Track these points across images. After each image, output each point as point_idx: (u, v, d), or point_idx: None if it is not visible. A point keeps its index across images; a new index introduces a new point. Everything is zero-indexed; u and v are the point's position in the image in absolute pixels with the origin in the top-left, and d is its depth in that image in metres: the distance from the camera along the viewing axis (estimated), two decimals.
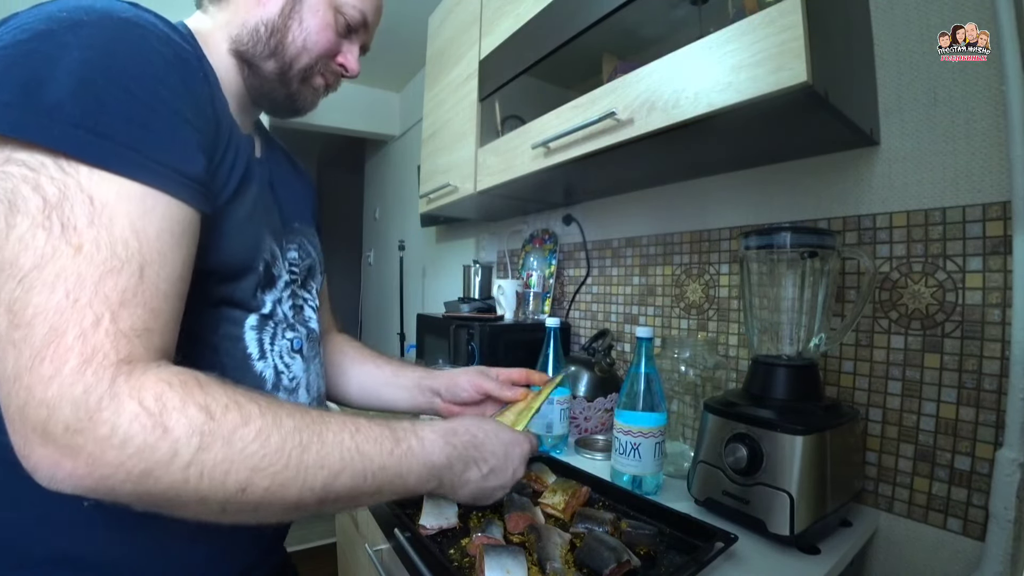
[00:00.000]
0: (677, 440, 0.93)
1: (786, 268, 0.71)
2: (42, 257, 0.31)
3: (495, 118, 1.21)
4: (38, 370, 0.30)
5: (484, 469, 0.50)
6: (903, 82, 0.73)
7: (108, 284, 0.32)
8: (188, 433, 0.32)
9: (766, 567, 0.58)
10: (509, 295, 1.38)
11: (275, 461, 0.35)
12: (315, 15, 0.55)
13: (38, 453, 0.31)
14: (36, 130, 0.32)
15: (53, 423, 0.30)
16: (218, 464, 0.33)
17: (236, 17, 0.55)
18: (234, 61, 0.55)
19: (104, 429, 0.30)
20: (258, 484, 0.34)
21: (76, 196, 0.32)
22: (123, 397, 0.31)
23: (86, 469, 0.31)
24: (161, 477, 0.32)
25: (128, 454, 0.31)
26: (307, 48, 0.56)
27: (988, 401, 0.65)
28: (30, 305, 0.30)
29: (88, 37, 0.35)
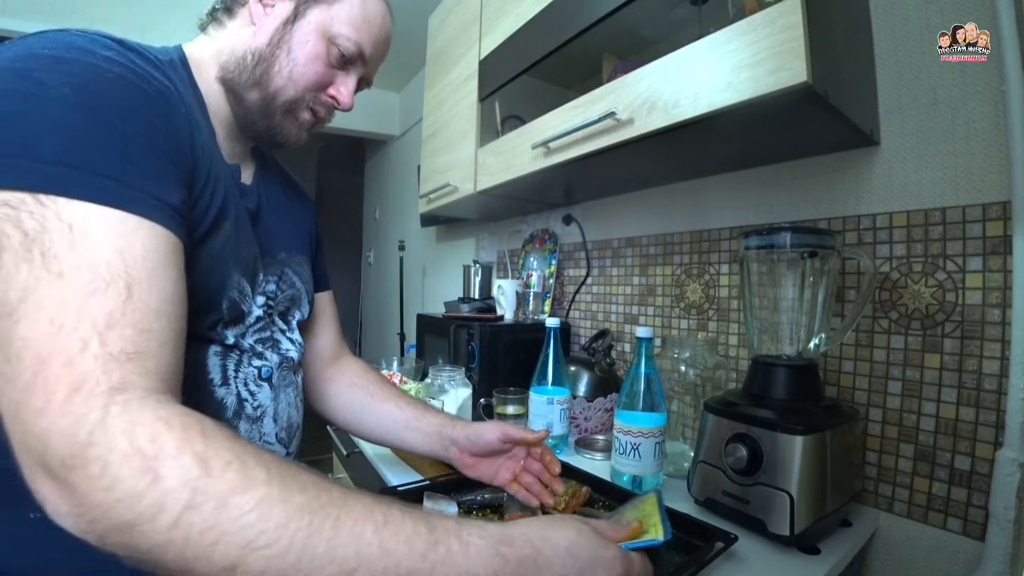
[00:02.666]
0: (677, 440, 0.93)
1: (786, 268, 0.71)
2: (25, 289, 0.30)
3: (495, 118, 1.21)
4: (29, 403, 0.29)
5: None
6: (903, 82, 0.73)
7: (92, 306, 0.31)
8: (179, 485, 0.28)
9: (766, 567, 0.58)
10: (509, 295, 1.38)
11: (272, 542, 0.29)
12: (304, 46, 0.54)
13: (44, 487, 0.29)
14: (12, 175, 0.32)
15: (49, 457, 0.28)
16: (206, 530, 0.28)
17: (228, 44, 0.55)
18: (221, 89, 0.55)
19: (95, 467, 0.28)
20: (251, 567, 0.28)
21: (55, 226, 0.32)
22: (115, 432, 0.29)
23: (79, 509, 0.28)
24: (146, 533, 0.28)
25: (115, 499, 0.28)
26: (293, 80, 0.55)
27: (988, 401, 0.65)
28: (17, 338, 0.29)
29: (67, 75, 0.35)
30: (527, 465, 0.68)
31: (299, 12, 0.55)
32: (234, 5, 0.57)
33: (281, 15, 0.55)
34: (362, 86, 0.63)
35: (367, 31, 0.58)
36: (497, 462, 0.69)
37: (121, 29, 0.45)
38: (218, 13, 0.57)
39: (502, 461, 0.69)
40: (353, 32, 0.57)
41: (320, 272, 0.75)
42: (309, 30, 0.55)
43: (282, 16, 0.55)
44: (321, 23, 0.55)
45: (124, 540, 0.28)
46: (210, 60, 0.55)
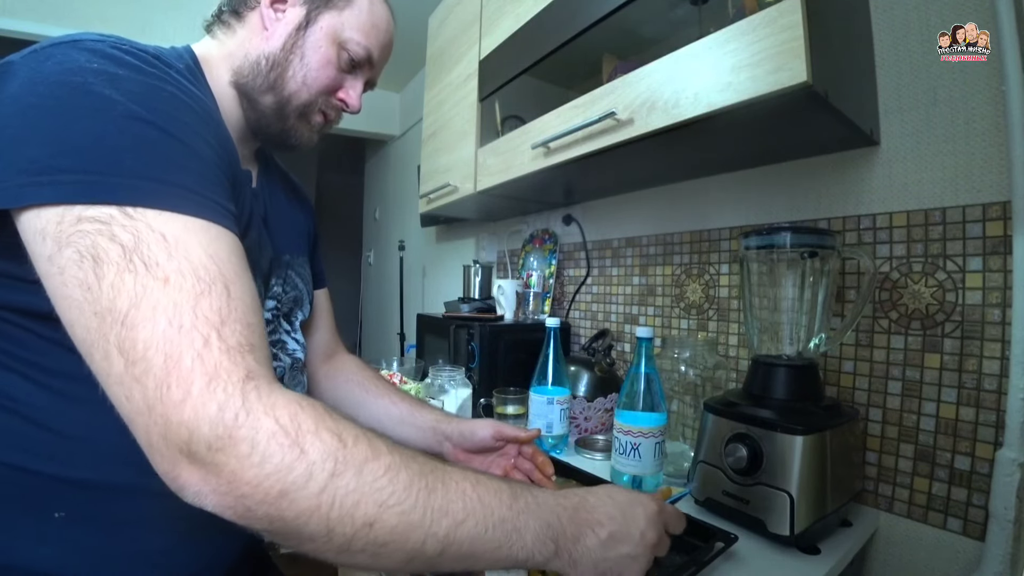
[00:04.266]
0: (677, 440, 0.93)
1: (786, 268, 0.71)
2: (135, 296, 0.32)
3: (495, 118, 1.21)
4: (168, 397, 0.31)
5: (602, 535, 0.42)
6: (903, 82, 0.73)
7: (203, 306, 0.33)
8: (323, 457, 0.32)
9: (766, 567, 0.58)
10: (509, 295, 1.38)
11: (403, 499, 0.34)
12: (317, 51, 0.56)
13: (186, 473, 0.31)
14: (103, 191, 0.34)
15: (195, 443, 0.31)
16: (349, 493, 0.32)
17: (240, 49, 0.56)
18: (234, 93, 0.56)
19: (244, 447, 0.31)
20: (385, 521, 0.33)
21: (149, 236, 0.33)
22: (258, 414, 0.32)
23: (228, 487, 0.31)
24: (296, 500, 0.31)
25: (266, 473, 0.31)
26: (307, 84, 0.56)
27: (988, 401, 0.65)
28: (139, 341, 0.31)
29: (128, 92, 0.37)
30: (518, 464, 0.71)
31: (311, 18, 0.56)
32: (242, 8, 0.57)
33: (293, 20, 0.56)
34: (367, 88, 0.64)
35: (375, 36, 0.60)
36: (488, 459, 0.71)
37: (121, 29, 0.46)
38: (225, 16, 0.57)
39: (493, 458, 0.71)
40: (362, 37, 0.58)
41: (317, 270, 0.76)
42: (321, 36, 0.56)
43: (294, 21, 0.56)
44: (332, 28, 0.56)
45: (270, 511, 0.31)
46: (222, 64, 0.56)
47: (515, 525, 0.39)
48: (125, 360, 0.31)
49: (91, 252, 0.32)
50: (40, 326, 0.41)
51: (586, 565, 0.41)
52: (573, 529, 0.42)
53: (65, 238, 0.33)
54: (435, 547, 0.35)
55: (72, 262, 0.32)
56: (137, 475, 0.44)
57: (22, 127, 0.35)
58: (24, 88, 0.36)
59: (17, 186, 0.33)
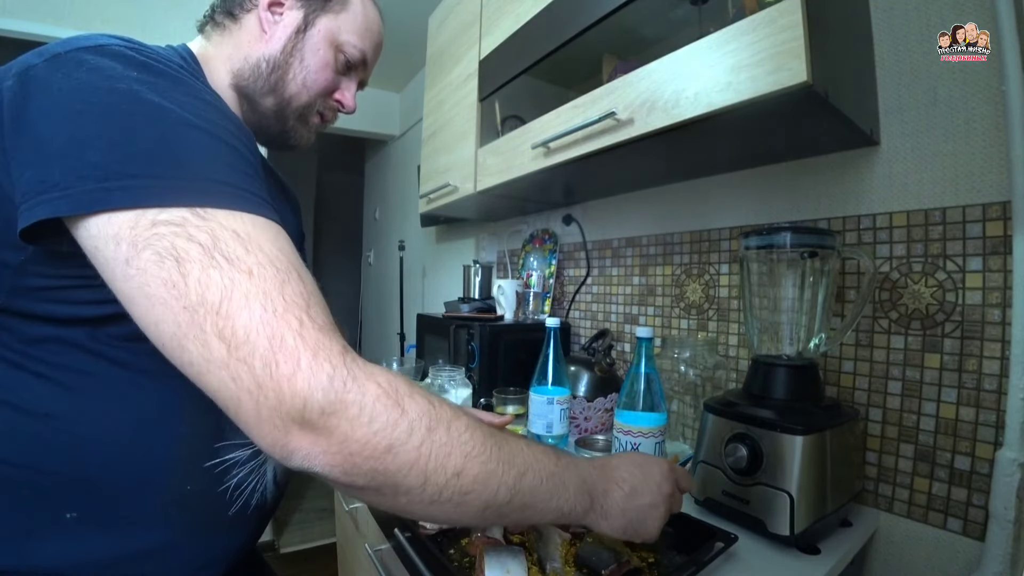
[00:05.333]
0: (677, 440, 0.93)
1: (786, 268, 0.71)
2: (225, 288, 0.34)
3: (495, 118, 1.21)
4: (277, 372, 0.33)
5: (626, 488, 0.48)
6: (903, 82, 0.73)
7: (289, 292, 0.36)
8: (420, 415, 0.36)
9: (766, 567, 0.58)
10: (509, 295, 1.38)
11: (482, 452, 0.38)
12: (316, 54, 0.57)
13: (296, 439, 0.34)
14: (173, 195, 0.35)
15: (309, 410, 0.33)
16: (442, 446, 0.36)
17: (239, 51, 0.56)
18: (234, 95, 0.57)
19: (354, 409, 0.34)
20: (469, 471, 0.37)
21: (224, 235, 0.35)
22: (363, 380, 0.35)
23: (339, 446, 0.34)
24: (399, 453, 0.35)
25: (374, 431, 0.34)
26: (306, 86, 0.58)
27: (988, 401, 0.65)
28: (239, 328, 0.33)
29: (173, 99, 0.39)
30: None
31: (309, 21, 0.57)
32: (237, 10, 0.57)
33: (292, 23, 0.57)
34: (359, 88, 0.66)
35: (369, 38, 0.62)
36: None
37: (121, 29, 0.46)
38: (218, 16, 0.58)
39: None
40: (358, 40, 0.60)
41: None
42: (319, 39, 0.57)
43: (293, 24, 0.57)
44: (330, 32, 0.58)
45: (376, 465, 0.35)
46: (221, 66, 0.56)
47: (561, 479, 0.44)
48: (227, 346, 0.33)
49: (171, 253, 0.34)
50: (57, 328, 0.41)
51: (615, 515, 0.47)
52: (603, 484, 0.48)
53: (143, 241, 0.34)
54: (506, 495, 0.39)
55: (152, 263, 0.34)
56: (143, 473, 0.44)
57: (78, 134, 0.35)
58: (67, 95, 0.36)
59: (86, 191, 0.34)
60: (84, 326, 0.42)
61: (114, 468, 0.43)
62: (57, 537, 0.42)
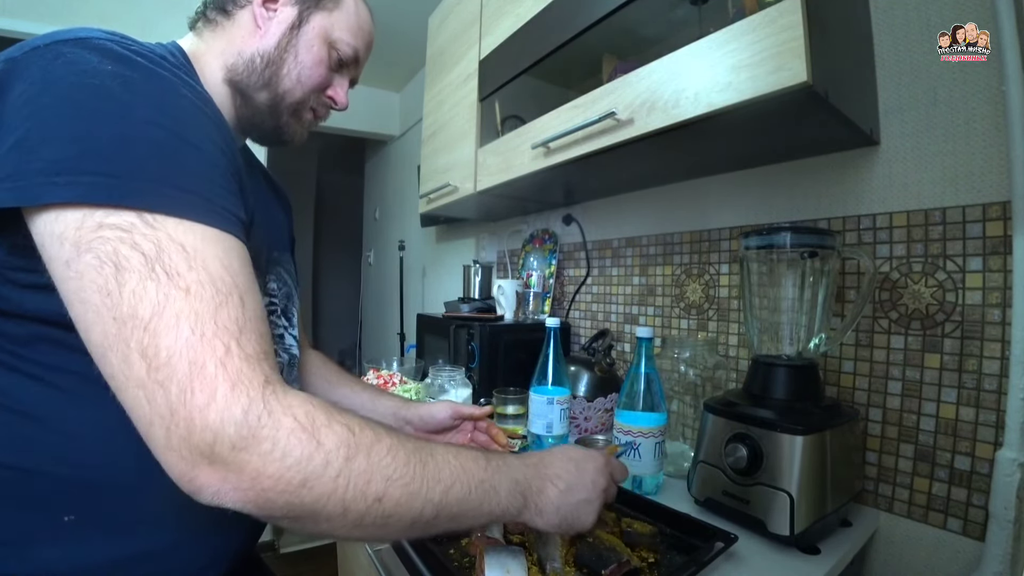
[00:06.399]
0: (677, 440, 0.93)
1: (786, 268, 0.71)
2: (158, 304, 0.33)
3: (495, 118, 1.21)
4: (192, 401, 0.32)
5: (560, 485, 0.49)
6: (903, 82, 0.73)
7: (223, 316, 0.35)
8: (337, 445, 0.35)
9: (766, 567, 0.58)
10: (509, 295, 1.38)
11: (404, 474, 0.38)
12: (310, 50, 0.58)
13: (204, 474, 0.33)
14: (123, 194, 0.34)
15: (219, 444, 0.32)
16: (361, 474, 0.36)
17: (232, 46, 0.56)
18: (228, 90, 0.57)
19: (267, 444, 0.33)
20: (391, 494, 0.37)
21: (169, 247, 0.34)
22: (278, 414, 0.34)
23: (250, 482, 0.33)
24: (314, 486, 0.34)
25: (287, 465, 0.33)
26: (301, 82, 0.58)
27: (988, 401, 0.65)
28: (162, 348, 0.32)
29: (145, 96, 0.38)
30: (474, 437, 0.78)
31: (303, 18, 0.57)
32: (230, 6, 0.57)
33: (286, 20, 0.57)
34: (351, 86, 0.66)
35: (361, 36, 0.62)
36: (447, 436, 0.77)
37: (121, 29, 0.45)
38: (211, 13, 0.57)
39: (451, 435, 0.77)
40: (351, 37, 0.61)
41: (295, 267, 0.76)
42: (313, 35, 0.58)
43: (287, 21, 0.57)
44: (323, 29, 0.58)
45: (291, 499, 0.34)
46: (213, 62, 0.56)
47: (492, 484, 0.44)
48: (147, 365, 0.32)
49: (112, 259, 0.33)
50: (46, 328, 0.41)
51: (550, 512, 0.48)
52: (537, 483, 0.48)
53: (85, 243, 0.33)
54: (431, 511, 0.39)
55: (91, 267, 0.33)
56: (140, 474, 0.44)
57: (39, 127, 0.34)
58: (37, 88, 0.35)
59: (36, 185, 0.33)
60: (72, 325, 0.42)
61: (111, 469, 0.43)
62: (57, 541, 0.41)
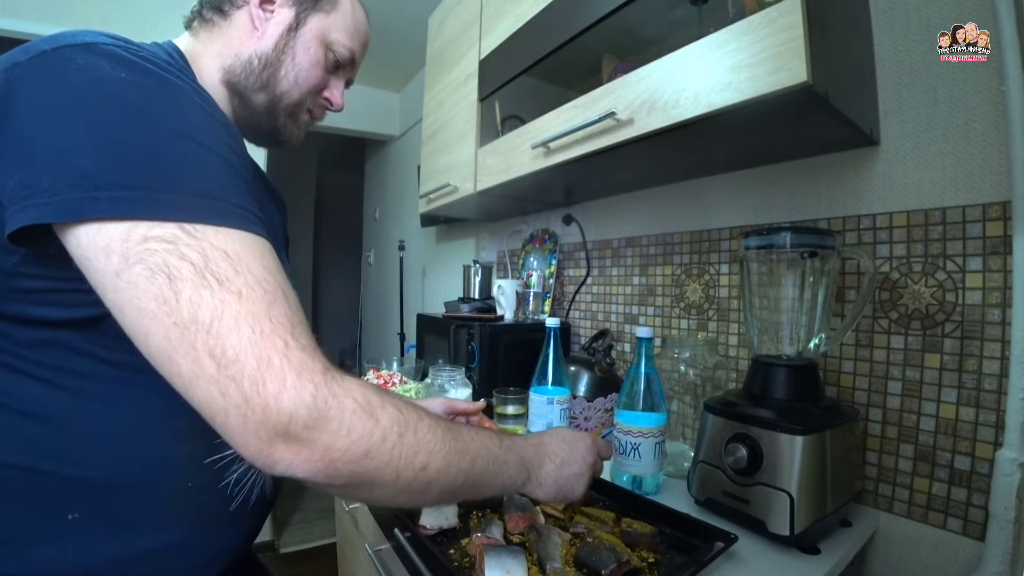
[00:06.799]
0: (677, 440, 0.93)
1: (786, 268, 0.71)
2: (215, 309, 0.35)
3: (495, 118, 1.21)
4: (265, 390, 0.35)
5: (556, 461, 0.56)
6: (903, 82, 0.73)
7: (275, 313, 0.38)
8: (391, 423, 0.40)
9: (766, 567, 0.58)
10: (509, 295, 1.38)
11: (442, 447, 0.43)
12: (307, 52, 0.58)
13: (280, 450, 0.36)
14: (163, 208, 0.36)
15: (294, 424, 0.36)
16: (410, 447, 0.41)
17: (229, 48, 0.56)
18: (225, 91, 0.57)
19: (334, 423, 0.37)
20: (432, 464, 0.42)
21: (214, 254, 0.37)
22: (341, 397, 0.38)
23: (320, 454, 0.37)
24: (375, 456, 0.39)
25: (352, 440, 0.38)
26: (298, 83, 0.59)
27: (988, 401, 0.65)
28: (228, 347, 0.35)
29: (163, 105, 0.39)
30: None
31: (300, 20, 0.58)
32: (227, 7, 0.57)
33: (283, 21, 0.57)
34: (346, 87, 0.67)
35: (357, 38, 0.63)
36: None
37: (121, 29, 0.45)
38: (207, 13, 0.57)
39: None
40: (347, 39, 0.61)
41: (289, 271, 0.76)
42: (311, 37, 0.58)
43: (284, 22, 0.57)
44: (320, 31, 0.59)
45: (355, 468, 0.38)
46: (211, 63, 0.56)
47: (505, 460, 0.51)
48: (217, 364, 0.35)
49: (163, 269, 0.35)
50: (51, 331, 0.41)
51: (548, 484, 0.55)
52: (538, 460, 0.55)
53: (135, 255, 0.35)
54: (462, 479, 0.45)
55: (143, 277, 0.35)
56: (144, 472, 0.45)
57: (64, 137, 0.35)
58: (55, 96, 0.36)
59: (74, 200, 0.34)
60: (78, 328, 0.42)
61: (114, 468, 0.43)
62: (60, 540, 0.42)
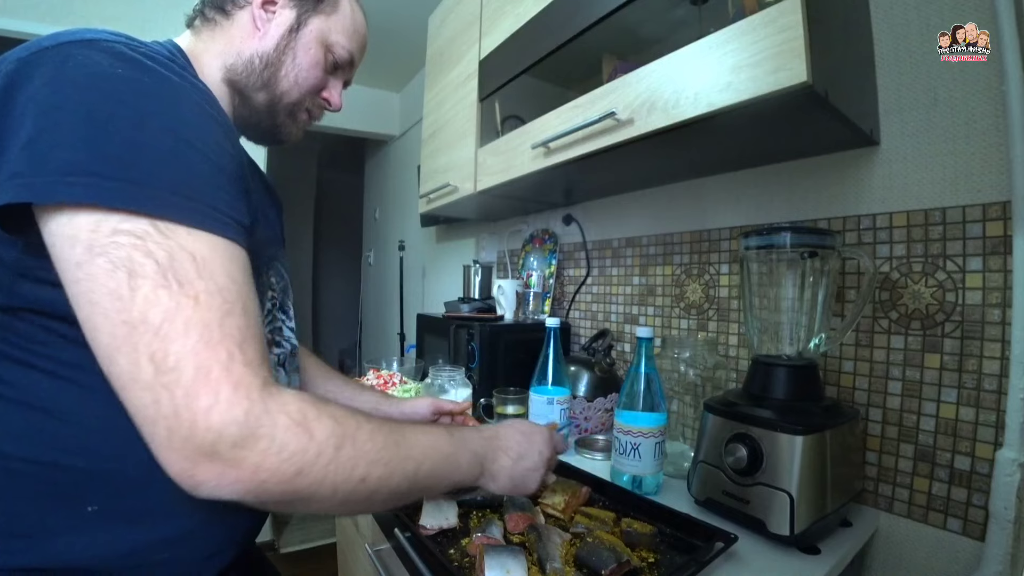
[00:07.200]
0: (677, 440, 0.93)
1: (786, 268, 0.71)
2: (168, 311, 0.35)
3: (495, 118, 1.21)
4: (196, 403, 0.34)
5: (512, 455, 0.56)
6: (903, 82, 0.73)
7: (228, 324, 0.37)
8: (327, 436, 0.39)
9: (766, 567, 0.58)
10: (509, 295, 1.38)
11: (383, 456, 0.43)
12: (307, 53, 0.59)
13: (204, 470, 0.35)
14: (137, 200, 0.36)
15: (221, 443, 0.35)
16: (348, 459, 0.40)
17: (231, 47, 0.57)
18: (226, 89, 0.58)
19: (264, 442, 0.36)
20: (373, 474, 0.42)
21: (181, 255, 0.37)
22: (275, 412, 0.37)
23: (249, 475, 0.36)
24: (308, 473, 0.38)
25: (284, 459, 0.37)
26: (298, 83, 0.60)
27: (988, 401, 0.65)
28: (171, 353, 0.34)
29: (156, 102, 0.39)
30: None
31: (301, 21, 0.59)
32: (230, 7, 0.58)
33: (285, 22, 0.58)
34: (344, 87, 0.68)
35: (356, 40, 0.64)
36: None
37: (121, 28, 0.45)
38: (209, 12, 0.58)
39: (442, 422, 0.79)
40: (347, 41, 0.62)
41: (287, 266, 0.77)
42: (311, 38, 0.59)
43: (286, 23, 0.58)
44: (321, 32, 0.60)
45: (286, 488, 0.37)
46: (212, 61, 0.57)
47: (456, 457, 0.51)
48: (155, 368, 0.34)
49: (126, 264, 0.35)
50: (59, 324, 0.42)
51: (503, 478, 0.55)
52: (491, 453, 0.55)
53: (99, 247, 0.34)
54: (407, 485, 0.45)
55: (104, 271, 0.34)
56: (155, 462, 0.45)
57: (51, 129, 0.35)
58: (49, 89, 0.36)
59: (48, 182, 0.34)
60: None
61: (125, 459, 0.43)
62: (81, 532, 0.42)
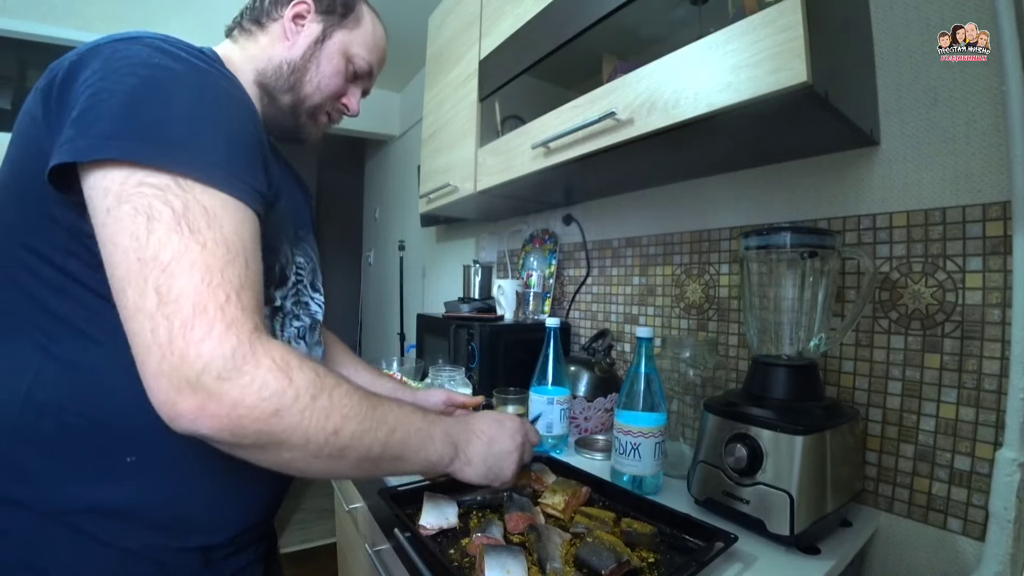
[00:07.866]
0: (677, 440, 0.93)
1: (786, 268, 0.71)
2: (178, 252, 0.39)
3: (495, 118, 1.21)
4: (191, 334, 0.38)
5: (484, 439, 0.60)
6: (903, 82, 0.73)
7: (229, 272, 0.41)
8: (306, 384, 0.42)
9: (766, 567, 0.58)
10: (509, 295, 1.38)
11: (358, 413, 0.45)
12: (330, 62, 0.67)
13: (186, 402, 0.38)
14: (165, 161, 0.41)
15: (206, 375, 0.38)
16: (323, 409, 0.43)
17: (263, 53, 0.65)
18: (257, 90, 0.65)
19: (247, 378, 0.39)
20: (346, 428, 0.44)
21: (195, 207, 0.41)
22: (260, 355, 0.40)
23: (227, 410, 0.38)
24: (284, 416, 0.40)
25: (263, 396, 0.39)
26: (320, 89, 0.67)
27: (988, 401, 0.65)
28: (174, 287, 0.38)
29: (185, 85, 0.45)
30: None
31: (327, 34, 0.67)
32: (264, 19, 0.66)
33: (312, 34, 0.66)
34: (363, 96, 0.76)
35: (376, 53, 0.72)
36: None
37: (122, 29, 0.47)
38: (246, 24, 0.67)
39: None
40: (367, 53, 0.70)
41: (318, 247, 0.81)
42: (335, 50, 0.67)
43: (313, 35, 0.66)
44: (343, 44, 0.68)
45: (262, 427, 0.40)
46: (245, 65, 0.64)
47: (429, 433, 0.53)
48: (159, 300, 0.38)
49: (146, 211, 0.39)
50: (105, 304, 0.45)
51: (478, 462, 0.58)
52: (465, 437, 0.58)
53: (126, 196, 0.40)
54: (378, 449, 0.47)
55: (127, 215, 0.39)
56: None
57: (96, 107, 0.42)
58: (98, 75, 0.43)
59: (87, 145, 0.40)
60: None
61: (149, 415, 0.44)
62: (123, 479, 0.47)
